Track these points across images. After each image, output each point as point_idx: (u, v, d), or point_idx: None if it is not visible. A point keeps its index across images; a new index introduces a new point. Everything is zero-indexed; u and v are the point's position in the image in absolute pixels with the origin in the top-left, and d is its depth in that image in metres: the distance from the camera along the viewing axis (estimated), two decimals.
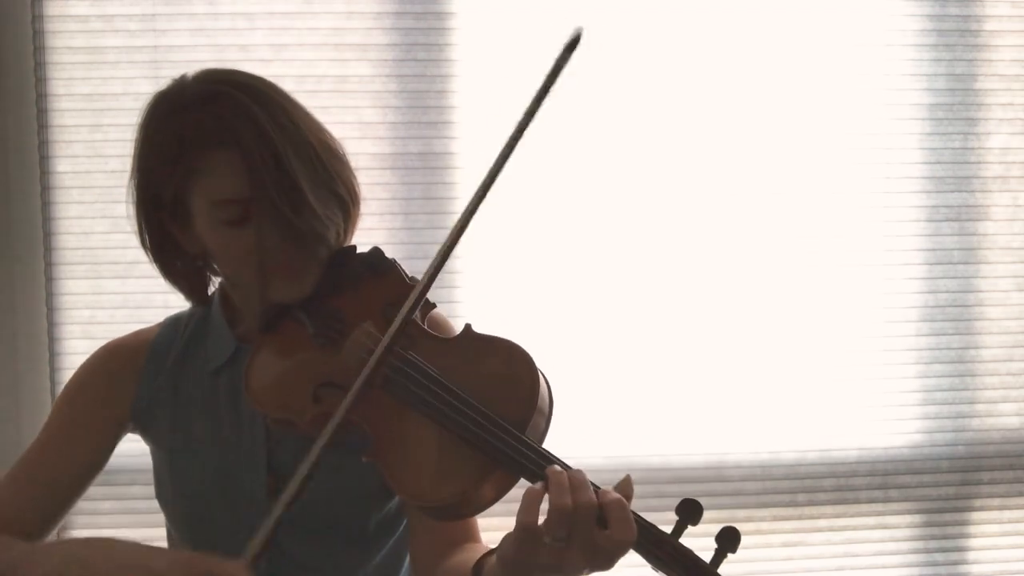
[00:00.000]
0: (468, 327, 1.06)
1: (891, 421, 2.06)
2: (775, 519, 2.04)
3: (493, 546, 1.04)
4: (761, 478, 2.03)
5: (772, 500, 2.04)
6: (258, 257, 1.05)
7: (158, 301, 1.92)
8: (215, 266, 1.17)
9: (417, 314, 1.09)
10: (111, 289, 1.95)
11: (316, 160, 1.06)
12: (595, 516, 0.86)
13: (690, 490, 2.01)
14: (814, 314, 2.04)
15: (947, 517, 2.09)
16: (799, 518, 2.05)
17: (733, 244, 2.01)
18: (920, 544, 2.09)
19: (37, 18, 1.91)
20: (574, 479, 0.88)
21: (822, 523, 2.06)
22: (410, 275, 1.13)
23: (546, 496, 0.88)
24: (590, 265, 1.99)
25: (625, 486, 0.91)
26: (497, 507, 0.98)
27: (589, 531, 0.86)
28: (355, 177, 1.14)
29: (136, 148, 1.10)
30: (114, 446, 1.23)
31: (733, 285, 2.02)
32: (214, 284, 1.22)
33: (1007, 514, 2.11)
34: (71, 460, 1.19)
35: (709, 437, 2.02)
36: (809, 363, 2.04)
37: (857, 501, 2.06)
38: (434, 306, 1.13)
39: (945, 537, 2.10)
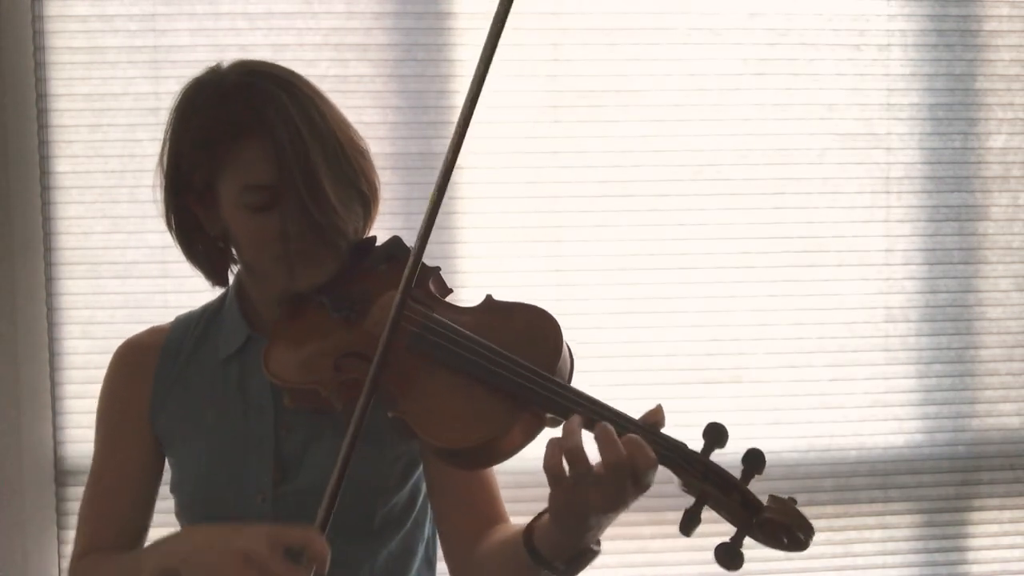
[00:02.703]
0: (489, 296, 1.11)
1: (891, 421, 2.06)
2: None
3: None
4: (761, 478, 2.03)
5: None
6: (282, 243, 1.09)
7: (158, 301, 1.93)
8: (235, 251, 1.19)
9: (436, 291, 1.14)
10: (111, 289, 1.95)
11: (341, 154, 1.10)
12: (624, 462, 0.90)
13: None
14: (814, 314, 2.04)
15: (947, 517, 2.09)
16: None
17: (733, 243, 2.01)
18: (920, 544, 2.09)
19: (37, 18, 1.91)
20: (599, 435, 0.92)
21: (822, 523, 2.06)
22: (430, 264, 1.16)
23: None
24: (590, 264, 1.99)
25: (656, 413, 0.96)
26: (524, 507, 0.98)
27: (620, 472, 0.90)
28: (376, 173, 1.18)
29: (169, 132, 1.14)
30: (156, 438, 1.24)
31: (734, 284, 2.01)
32: (232, 271, 1.24)
33: (1007, 514, 2.11)
34: (126, 462, 1.22)
35: None
36: (809, 363, 2.04)
37: (857, 501, 2.06)
38: (451, 291, 1.17)
39: (945, 537, 2.10)
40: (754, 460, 0.97)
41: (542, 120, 1.98)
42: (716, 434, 0.97)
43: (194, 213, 1.14)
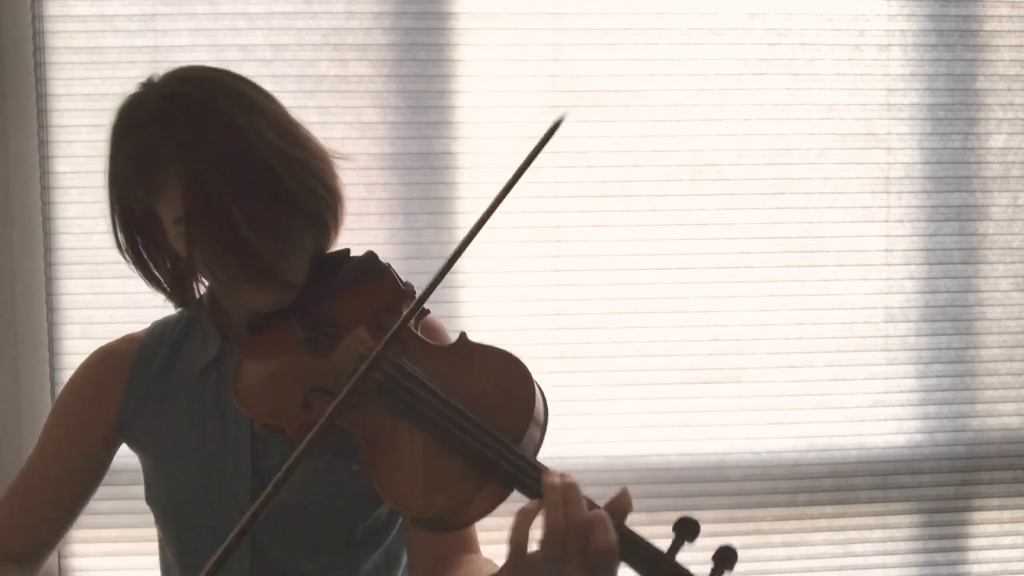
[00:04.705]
0: (463, 335, 1.05)
1: (891, 421, 2.06)
2: (775, 519, 2.04)
3: (488, 555, 1.03)
4: (761, 478, 2.03)
5: (772, 500, 2.04)
6: (211, 277, 1.04)
7: (158, 301, 1.91)
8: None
9: (411, 320, 1.07)
10: (111, 289, 1.94)
11: (270, 179, 1.02)
12: (585, 531, 0.85)
13: (690, 490, 2.01)
14: (814, 314, 2.04)
15: (947, 517, 2.09)
16: (799, 518, 2.05)
17: (733, 244, 2.01)
18: (920, 544, 2.09)
19: (37, 18, 1.91)
20: (567, 494, 0.87)
21: (822, 523, 2.06)
22: (404, 280, 1.11)
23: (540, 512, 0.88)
24: (590, 264, 1.99)
25: (622, 501, 0.90)
26: (493, 520, 0.96)
27: (581, 546, 0.85)
28: (334, 179, 1.10)
29: (107, 155, 1.09)
30: (109, 454, 1.21)
31: (734, 284, 2.02)
32: (201, 285, 1.19)
33: (1007, 514, 2.11)
34: (67, 470, 1.19)
35: (709, 437, 2.02)
36: (809, 363, 2.04)
37: (857, 501, 2.06)
38: (428, 312, 1.11)
39: (945, 537, 2.10)
40: (724, 559, 0.89)
41: (542, 120, 1.97)
42: (685, 529, 0.90)
43: (144, 235, 1.10)
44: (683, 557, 0.90)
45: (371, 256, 1.12)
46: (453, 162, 1.97)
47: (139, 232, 1.10)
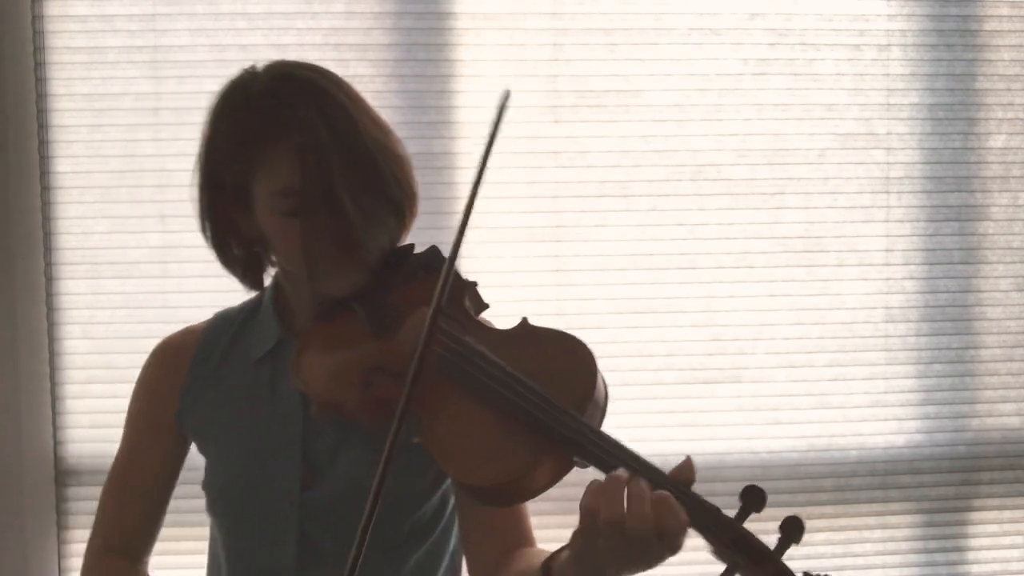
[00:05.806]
0: (525, 320, 1.09)
1: (891, 421, 2.06)
2: (774, 519, 2.04)
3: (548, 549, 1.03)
4: (761, 478, 2.03)
5: (772, 500, 2.03)
6: (303, 249, 1.09)
7: (158, 301, 1.92)
8: (271, 255, 1.20)
9: (471, 308, 1.12)
10: (111, 289, 1.95)
11: (370, 164, 1.09)
12: (650, 525, 0.85)
13: None
14: (814, 314, 2.04)
15: (947, 517, 2.09)
16: None
17: (733, 244, 2.01)
18: (920, 544, 2.09)
19: (37, 18, 1.91)
20: (633, 490, 0.88)
21: (822, 523, 2.06)
22: (464, 276, 1.15)
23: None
24: (590, 264, 1.99)
25: (686, 468, 0.92)
26: (551, 517, 0.95)
27: (644, 533, 0.86)
28: (414, 178, 1.17)
29: (204, 134, 1.14)
30: (181, 445, 1.26)
31: (734, 284, 2.02)
32: (269, 273, 1.24)
33: (1007, 514, 2.11)
34: (146, 468, 1.25)
35: (709, 437, 2.02)
36: (809, 363, 2.04)
37: (857, 501, 2.06)
38: (487, 306, 1.16)
39: (945, 537, 2.10)
40: (791, 528, 0.91)
41: (542, 120, 1.98)
42: (753, 498, 0.92)
43: (230, 216, 1.14)
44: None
45: (434, 250, 1.18)
46: (453, 162, 1.97)
47: (227, 208, 1.14)
